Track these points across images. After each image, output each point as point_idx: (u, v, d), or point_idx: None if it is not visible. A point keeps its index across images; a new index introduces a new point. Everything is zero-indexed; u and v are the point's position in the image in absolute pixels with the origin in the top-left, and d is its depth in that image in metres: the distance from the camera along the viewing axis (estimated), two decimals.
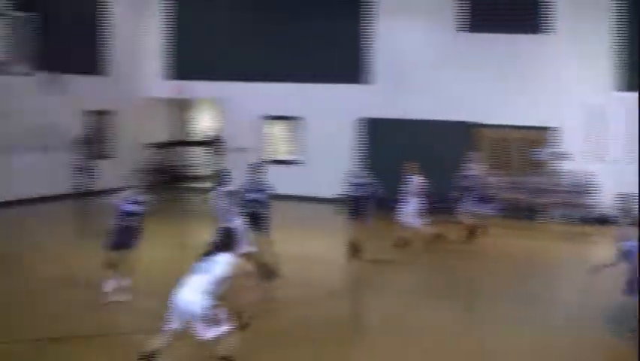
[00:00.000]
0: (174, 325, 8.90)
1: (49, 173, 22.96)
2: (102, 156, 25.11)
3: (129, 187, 11.96)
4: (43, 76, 22.02)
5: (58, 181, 23.04)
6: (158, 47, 27.09)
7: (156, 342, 8.97)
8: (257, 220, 13.82)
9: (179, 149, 29.19)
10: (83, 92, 24.33)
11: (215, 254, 9.04)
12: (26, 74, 18.45)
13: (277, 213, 15.07)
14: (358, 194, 16.19)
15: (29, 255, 15.82)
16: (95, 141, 24.87)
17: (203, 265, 8.98)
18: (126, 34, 26.24)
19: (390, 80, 23.73)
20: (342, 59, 24.25)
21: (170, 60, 27.02)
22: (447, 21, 23.10)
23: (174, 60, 26.92)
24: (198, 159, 29.87)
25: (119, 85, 25.85)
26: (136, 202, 11.74)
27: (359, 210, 16.10)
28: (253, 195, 14.12)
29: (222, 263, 8.97)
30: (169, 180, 27.38)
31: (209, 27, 26.09)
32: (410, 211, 17.12)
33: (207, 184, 28.19)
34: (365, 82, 24.09)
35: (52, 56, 21.07)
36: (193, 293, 8.81)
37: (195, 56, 26.28)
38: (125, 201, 11.73)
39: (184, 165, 29.04)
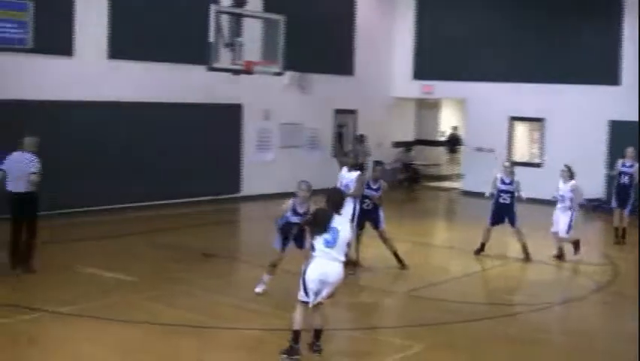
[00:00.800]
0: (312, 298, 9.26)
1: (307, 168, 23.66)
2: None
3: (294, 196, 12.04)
4: (292, 76, 23.08)
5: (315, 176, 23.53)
6: (406, 47, 27.49)
7: (298, 319, 9.27)
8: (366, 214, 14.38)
9: (421, 148, 29.46)
10: (330, 91, 25.21)
11: (331, 220, 9.21)
12: (277, 74, 19.22)
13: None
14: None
15: None
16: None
17: (329, 236, 9.13)
18: (373, 34, 26.84)
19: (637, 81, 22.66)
20: (588, 60, 23.44)
21: (417, 61, 27.34)
22: None
23: (421, 61, 27.20)
24: (440, 159, 30.02)
25: (365, 85, 26.50)
26: (297, 213, 11.87)
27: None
28: (367, 192, 14.42)
29: (344, 227, 9.27)
30: (411, 178, 27.75)
31: (456, 28, 26.14)
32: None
33: (448, 183, 28.53)
34: (613, 83, 23.18)
35: (301, 55, 22.00)
36: (340, 264, 9.23)
37: (441, 56, 26.45)
38: (290, 212, 11.91)
39: (426, 165, 29.26)
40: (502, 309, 12.28)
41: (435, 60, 26.65)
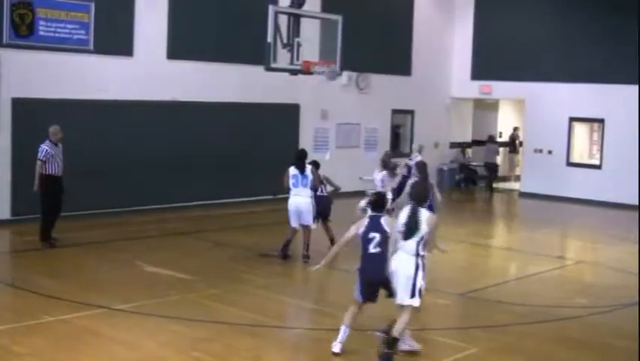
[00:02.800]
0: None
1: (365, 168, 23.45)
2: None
3: None
4: (350, 75, 23.08)
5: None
6: (464, 47, 27.31)
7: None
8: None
9: (479, 149, 29.23)
10: (388, 91, 25.16)
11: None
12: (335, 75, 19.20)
13: (575, 218, 14.91)
14: None
15: None
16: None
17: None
18: (431, 34, 26.72)
19: None
20: None
21: (475, 61, 27.15)
22: None
23: (479, 61, 27.00)
24: (498, 159, 29.74)
25: (423, 85, 26.38)
26: None
27: None
28: None
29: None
30: (467, 179, 27.59)
31: (515, 28, 25.90)
32: None
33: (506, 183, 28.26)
34: None
35: (358, 55, 21.98)
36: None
37: (500, 56, 26.23)
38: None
39: (484, 164, 29.02)
40: (562, 311, 12.08)
41: (494, 60, 26.43)
